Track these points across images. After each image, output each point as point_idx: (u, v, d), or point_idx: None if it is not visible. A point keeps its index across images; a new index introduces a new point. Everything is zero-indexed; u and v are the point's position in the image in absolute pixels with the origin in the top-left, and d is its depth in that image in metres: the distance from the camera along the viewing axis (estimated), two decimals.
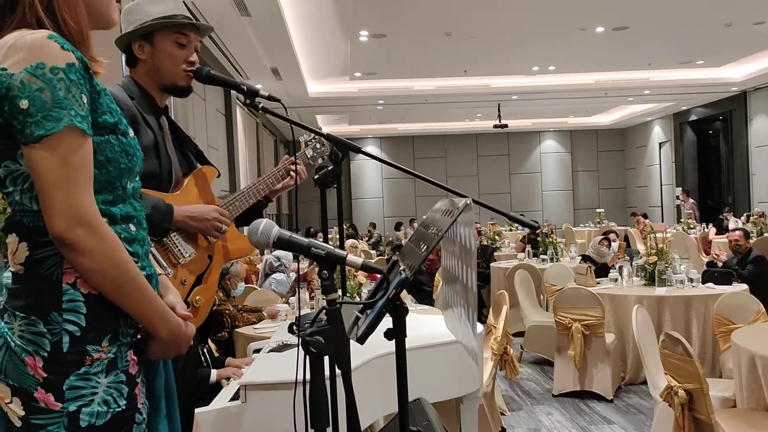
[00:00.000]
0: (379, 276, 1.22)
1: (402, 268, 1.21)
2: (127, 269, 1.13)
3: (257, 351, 3.26)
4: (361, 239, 13.38)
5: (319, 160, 2.28)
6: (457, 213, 1.13)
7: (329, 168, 1.52)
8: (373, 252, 11.73)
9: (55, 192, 1.07)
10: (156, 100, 1.94)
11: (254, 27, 7.40)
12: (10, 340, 1.11)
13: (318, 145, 2.24)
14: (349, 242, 8.00)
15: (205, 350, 3.17)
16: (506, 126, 13.69)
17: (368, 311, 1.21)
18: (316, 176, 1.53)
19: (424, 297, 6.88)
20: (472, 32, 8.52)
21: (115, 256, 1.11)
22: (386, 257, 5.61)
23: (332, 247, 1.11)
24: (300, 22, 7.78)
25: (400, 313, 1.23)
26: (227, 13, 6.76)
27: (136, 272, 1.14)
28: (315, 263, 4.87)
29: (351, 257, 1.12)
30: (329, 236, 6.73)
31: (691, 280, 4.99)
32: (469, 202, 1.11)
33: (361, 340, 1.09)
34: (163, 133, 1.94)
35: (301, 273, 5.36)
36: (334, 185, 1.52)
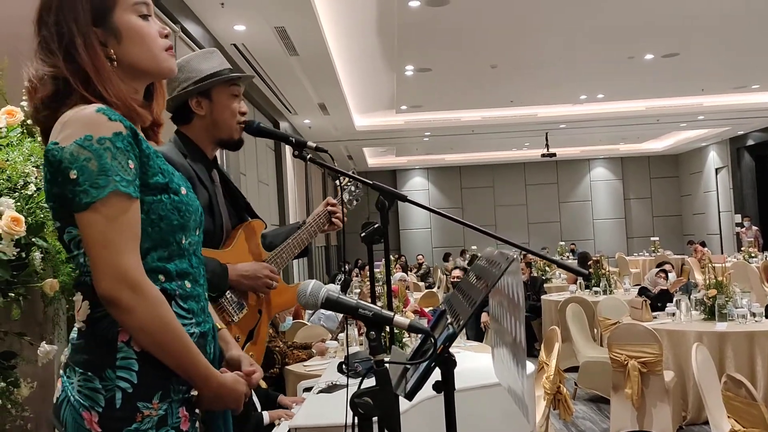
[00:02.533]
0: (432, 316, 1.22)
1: (449, 321, 1.21)
2: (169, 327, 1.15)
3: (307, 390, 3.28)
4: (410, 271, 13.34)
5: (354, 203, 2.28)
6: (504, 267, 1.12)
7: (375, 226, 1.54)
8: (422, 284, 11.67)
9: (101, 254, 1.12)
10: (207, 154, 1.99)
11: (302, 65, 7.60)
12: (70, 394, 1.16)
13: (353, 188, 2.25)
14: (398, 276, 7.98)
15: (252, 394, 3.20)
16: (554, 155, 13.56)
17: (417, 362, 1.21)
18: (363, 234, 1.54)
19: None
20: (517, 64, 8.53)
21: (158, 315, 1.14)
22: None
23: (379, 308, 1.12)
24: (346, 59, 7.94)
25: (448, 366, 1.22)
26: (276, 53, 6.96)
27: (179, 331, 1.17)
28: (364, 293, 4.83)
29: (398, 318, 1.12)
30: (376, 270, 6.72)
31: (754, 315, 4.78)
32: (515, 257, 1.11)
33: (410, 396, 1.09)
34: (214, 186, 1.98)
35: None
36: (380, 241, 1.54)
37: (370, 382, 1.15)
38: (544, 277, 8.99)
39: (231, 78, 1.95)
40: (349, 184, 2.24)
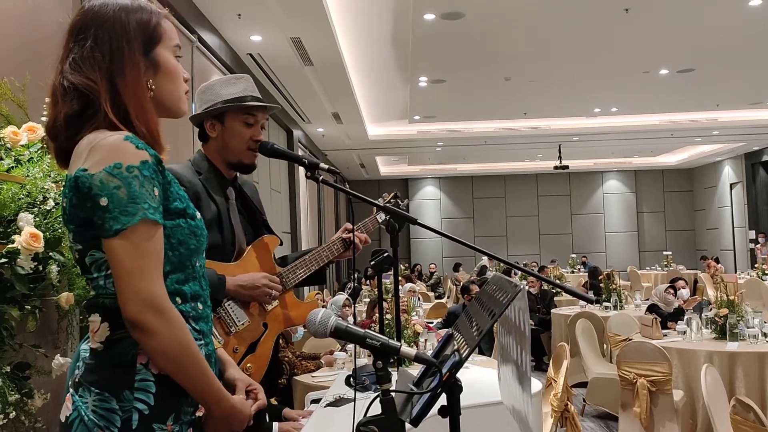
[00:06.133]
0: (441, 335, 1.23)
1: (456, 347, 1.23)
2: (189, 350, 1.18)
3: (315, 401, 3.29)
4: (418, 279, 13.31)
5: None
6: (510, 296, 1.14)
7: (384, 255, 1.56)
8: (432, 294, 11.66)
9: (129, 279, 1.15)
10: (224, 173, 2.04)
11: (317, 75, 7.66)
12: (83, 413, 1.18)
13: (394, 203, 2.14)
14: (407, 286, 7.99)
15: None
16: (567, 167, 13.52)
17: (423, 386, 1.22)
18: (372, 262, 1.56)
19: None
20: (531, 77, 8.54)
21: (179, 338, 1.17)
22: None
23: (387, 338, 1.14)
24: (360, 70, 7.99)
25: (454, 392, 1.23)
26: (292, 63, 7.03)
27: (197, 353, 1.20)
28: (374, 309, 4.81)
29: (404, 348, 1.14)
30: (384, 281, 6.73)
31: (766, 335, 4.74)
32: (522, 287, 1.13)
33: (415, 423, 1.11)
34: (228, 204, 2.01)
35: (362, 321, 5.38)
36: (390, 269, 1.55)
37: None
38: (554, 291, 8.95)
39: (242, 107, 1.99)
40: (389, 203, 2.13)
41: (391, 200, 2.18)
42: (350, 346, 4.57)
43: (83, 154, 1.19)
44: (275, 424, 3.12)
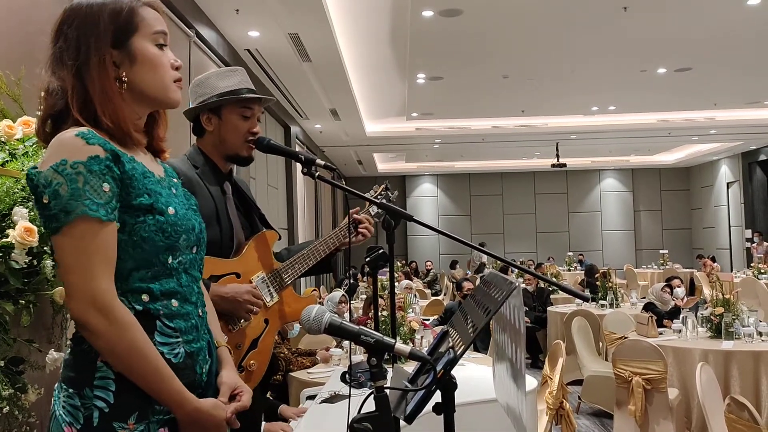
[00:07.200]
0: (437, 332, 1.23)
1: (451, 344, 1.23)
2: (138, 350, 1.16)
3: (311, 398, 3.29)
4: (414, 276, 13.31)
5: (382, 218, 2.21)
6: (506, 294, 1.14)
7: (380, 251, 1.55)
8: (428, 291, 11.67)
9: (71, 277, 1.14)
10: (220, 167, 2.03)
11: (314, 72, 7.64)
12: (56, 409, 1.19)
13: (386, 199, 2.14)
14: (404, 283, 7.99)
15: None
16: (564, 165, 13.54)
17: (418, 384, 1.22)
18: (367, 259, 1.55)
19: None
20: (529, 75, 8.54)
21: (127, 338, 1.15)
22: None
23: (381, 335, 1.13)
24: (358, 66, 7.98)
25: (449, 389, 1.23)
26: (290, 59, 7.01)
27: (149, 353, 1.17)
28: (371, 306, 4.81)
29: (399, 345, 1.14)
30: (382, 277, 6.72)
31: (761, 334, 4.75)
32: (517, 285, 1.13)
33: (409, 419, 1.11)
34: (225, 198, 2.01)
35: (358, 318, 5.37)
36: (386, 266, 1.55)
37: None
38: (550, 288, 8.96)
39: (240, 99, 1.97)
40: (380, 195, 2.14)
41: (383, 192, 2.18)
42: (346, 343, 4.57)
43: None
44: (262, 425, 3.11)
